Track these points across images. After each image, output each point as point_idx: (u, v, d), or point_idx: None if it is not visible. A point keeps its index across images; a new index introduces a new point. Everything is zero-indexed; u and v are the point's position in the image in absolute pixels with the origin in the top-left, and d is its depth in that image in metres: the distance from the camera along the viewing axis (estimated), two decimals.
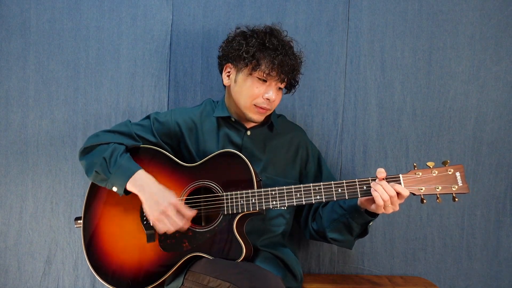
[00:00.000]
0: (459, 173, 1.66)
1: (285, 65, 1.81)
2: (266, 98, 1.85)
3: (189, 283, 1.71)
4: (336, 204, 1.89)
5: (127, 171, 1.76)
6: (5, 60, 2.30)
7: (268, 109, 1.89)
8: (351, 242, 1.94)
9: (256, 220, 1.91)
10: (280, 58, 1.80)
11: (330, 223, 1.91)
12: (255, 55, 1.81)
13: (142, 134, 1.92)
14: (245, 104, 1.87)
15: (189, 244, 1.76)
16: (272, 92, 1.85)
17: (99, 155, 1.80)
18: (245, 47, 1.83)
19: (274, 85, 1.86)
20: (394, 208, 1.69)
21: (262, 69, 1.81)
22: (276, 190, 1.73)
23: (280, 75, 1.83)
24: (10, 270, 2.31)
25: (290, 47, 1.88)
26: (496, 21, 2.29)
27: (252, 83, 1.85)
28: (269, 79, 1.83)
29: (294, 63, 1.86)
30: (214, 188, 1.79)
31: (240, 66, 1.86)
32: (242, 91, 1.87)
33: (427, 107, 2.32)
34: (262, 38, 1.84)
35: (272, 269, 1.78)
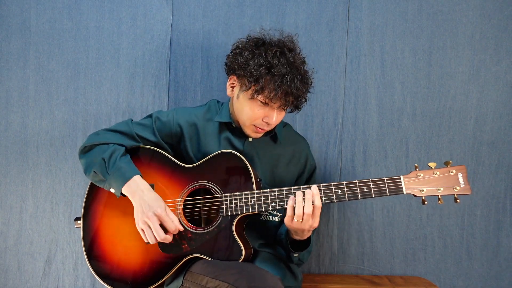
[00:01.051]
0: (461, 173, 1.63)
1: (289, 94, 1.73)
2: (265, 121, 1.81)
3: (188, 284, 1.71)
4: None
5: (125, 174, 1.75)
6: (5, 60, 2.30)
7: (268, 129, 1.86)
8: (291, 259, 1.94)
9: (251, 231, 1.90)
10: (284, 87, 1.71)
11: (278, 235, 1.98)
12: (259, 80, 1.73)
13: (142, 134, 1.90)
14: (244, 123, 1.85)
15: (188, 245, 1.76)
16: (274, 116, 1.80)
17: (98, 155, 1.79)
18: (250, 67, 1.74)
19: (276, 108, 1.79)
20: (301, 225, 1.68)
21: (265, 95, 1.74)
22: (276, 191, 1.72)
23: (283, 102, 1.76)
24: (10, 270, 2.32)
25: (299, 72, 1.76)
26: (496, 21, 2.29)
27: (254, 106, 1.79)
28: (271, 104, 1.77)
29: (300, 92, 1.76)
30: (213, 189, 1.78)
31: (243, 85, 1.79)
32: (243, 110, 1.83)
33: (427, 107, 2.31)
34: (269, 61, 1.73)
35: (271, 269, 1.78)
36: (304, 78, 1.78)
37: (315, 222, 1.67)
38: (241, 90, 1.80)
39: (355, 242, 2.34)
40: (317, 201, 1.65)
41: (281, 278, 1.75)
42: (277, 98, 1.74)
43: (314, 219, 1.66)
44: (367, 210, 2.33)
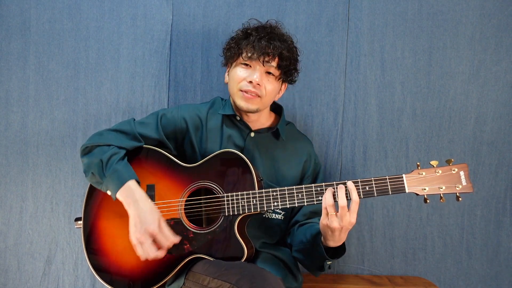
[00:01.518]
0: (463, 172, 1.63)
1: (265, 46, 1.80)
2: (249, 80, 1.83)
3: (190, 284, 1.71)
4: (310, 229, 1.87)
5: (120, 177, 1.74)
6: (5, 60, 2.29)
7: (255, 93, 1.85)
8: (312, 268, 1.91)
9: (253, 229, 1.90)
10: (262, 43, 1.79)
11: (297, 243, 1.91)
12: (239, 43, 1.84)
13: (145, 133, 1.90)
14: (233, 91, 1.89)
15: (190, 245, 1.76)
16: (256, 75, 1.83)
17: (97, 157, 1.79)
18: (231, 41, 1.89)
19: (259, 68, 1.83)
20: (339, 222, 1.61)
21: (243, 55, 1.83)
22: (278, 191, 1.72)
23: (261, 57, 1.81)
24: (10, 270, 2.31)
25: (277, 33, 1.86)
26: (496, 21, 2.29)
27: (237, 70, 1.86)
28: (252, 62, 1.83)
29: (279, 44, 1.82)
30: (214, 189, 1.78)
31: (231, 61, 1.90)
32: (230, 80, 1.90)
33: (427, 107, 2.32)
34: (247, 29, 1.88)
35: (272, 270, 1.78)
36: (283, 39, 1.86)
37: (353, 217, 1.62)
38: (231, 67, 1.91)
39: (355, 242, 2.34)
40: (354, 195, 1.62)
41: (282, 278, 1.75)
42: (255, 53, 1.80)
43: (352, 215, 1.61)
44: (367, 210, 2.33)
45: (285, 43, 1.85)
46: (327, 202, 1.62)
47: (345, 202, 1.61)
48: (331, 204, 1.61)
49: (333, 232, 1.63)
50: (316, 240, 1.76)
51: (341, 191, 1.62)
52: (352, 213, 1.61)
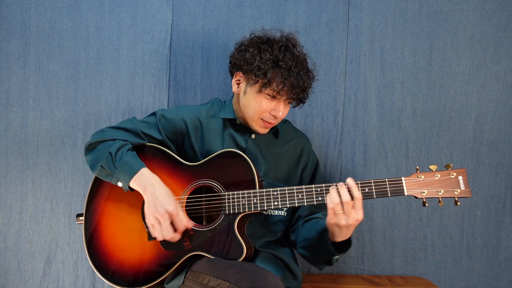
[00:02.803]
0: (461, 177, 1.65)
1: (296, 86, 1.78)
2: (273, 114, 1.84)
3: (190, 282, 1.71)
4: (315, 225, 1.87)
5: (132, 167, 1.75)
6: (5, 60, 2.30)
7: (274, 123, 1.89)
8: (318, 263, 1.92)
9: (255, 225, 1.91)
10: (292, 79, 1.76)
11: (302, 240, 1.91)
12: (267, 73, 1.77)
13: (147, 132, 1.91)
14: (252, 117, 1.87)
15: (190, 243, 1.76)
16: (281, 112, 1.84)
17: (105, 150, 1.80)
18: (257, 62, 1.79)
19: (283, 101, 1.84)
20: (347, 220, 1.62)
21: (272, 88, 1.78)
22: (278, 190, 1.72)
23: (290, 95, 1.81)
24: (10, 270, 2.31)
25: (303, 65, 1.82)
26: (496, 21, 2.30)
27: (261, 99, 1.82)
28: (278, 97, 1.81)
29: (306, 84, 1.82)
30: (215, 187, 1.79)
31: (250, 80, 1.83)
32: (250, 105, 1.86)
33: (427, 107, 2.32)
34: (276, 55, 1.78)
35: (272, 269, 1.78)
36: (308, 71, 1.84)
37: (359, 214, 1.62)
38: (248, 85, 1.84)
39: (355, 242, 2.34)
40: (356, 193, 1.62)
41: (281, 278, 1.76)
42: (284, 91, 1.78)
43: (357, 211, 1.62)
44: (367, 210, 2.33)
45: (310, 78, 1.85)
46: (334, 201, 1.62)
47: (349, 197, 1.61)
48: (337, 202, 1.62)
49: (341, 229, 1.64)
50: (323, 237, 1.76)
51: (342, 189, 1.63)
52: (358, 210, 1.62)
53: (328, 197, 1.64)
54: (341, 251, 1.76)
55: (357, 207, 1.62)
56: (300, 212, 1.99)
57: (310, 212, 1.97)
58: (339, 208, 1.62)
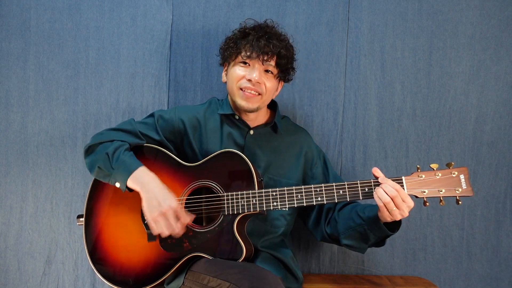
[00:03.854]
0: (463, 175, 1.64)
1: (264, 45, 1.83)
2: (248, 79, 1.86)
3: (189, 283, 1.71)
4: (354, 211, 1.86)
5: (129, 167, 1.75)
6: (5, 60, 2.29)
7: (255, 91, 1.88)
8: (365, 249, 1.92)
9: (257, 221, 1.91)
10: (261, 43, 1.83)
11: (345, 230, 1.88)
12: (237, 42, 1.87)
13: (146, 132, 1.91)
14: (232, 90, 1.90)
15: (189, 244, 1.76)
16: (255, 73, 1.85)
17: (102, 151, 1.80)
18: (229, 41, 1.91)
19: (258, 67, 1.86)
20: (401, 213, 1.63)
21: (242, 54, 1.85)
22: (277, 191, 1.73)
23: (260, 56, 1.84)
24: (10, 270, 2.31)
25: (275, 33, 1.90)
26: (496, 21, 2.29)
27: (236, 69, 1.88)
28: (251, 61, 1.86)
29: (277, 44, 1.85)
30: (214, 188, 1.79)
31: (229, 61, 1.93)
32: (229, 79, 1.92)
33: (427, 107, 2.32)
34: (245, 28, 1.91)
35: (272, 270, 1.78)
36: (282, 39, 1.90)
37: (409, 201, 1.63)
38: (228, 66, 1.93)
39: None
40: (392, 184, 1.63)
41: (282, 278, 1.76)
42: (254, 53, 1.83)
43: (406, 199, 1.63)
44: None
45: (282, 42, 1.89)
46: (384, 200, 1.61)
47: (395, 193, 1.61)
48: (388, 201, 1.61)
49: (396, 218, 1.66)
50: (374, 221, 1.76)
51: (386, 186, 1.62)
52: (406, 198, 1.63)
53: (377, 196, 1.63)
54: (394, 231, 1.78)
55: (403, 195, 1.62)
56: (328, 205, 1.98)
57: None
58: (392, 205, 1.61)
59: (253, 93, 1.87)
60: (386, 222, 1.72)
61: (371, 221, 1.77)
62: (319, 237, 2.03)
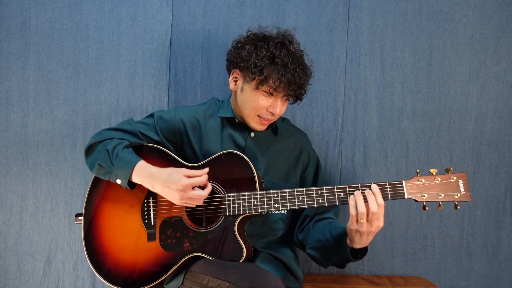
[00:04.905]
0: (462, 181, 1.66)
1: (292, 83, 1.78)
2: (270, 111, 1.84)
3: (189, 283, 1.71)
4: (328, 227, 1.86)
5: (129, 162, 1.75)
6: (5, 60, 2.30)
7: (272, 120, 1.88)
8: (326, 265, 1.93)
9: (256, 224, 1.91)
10: (288, 76, 1.76)
11: (314, 241, 1.89)
12: (263, 70, 1.77)
13: (145, 132, 1.91)
14: (249, 114, 1.87)
15: (189, 244, 1.76)
16: (279, 108, 1.84)
17: (102, 149, 1.80)
18: (253, 59, 1.79)
19: (280, 98, 1.84)
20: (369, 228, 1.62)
21: (269, 84, 1.78)
22: (279, 192, 1.72)
23: (287, 91, 1.81)
24: (10, 270, 2.31)
25: (300, 62, 1.83)
26: (496, 21, 2.29)
27: (258, 96, 1.82)
28: (275, 94, 1.81)
29: (303, 81, 1.82)
30: (216, 188, 1.79)
31: (247, 77, 1.83)
32: (247, 102, 1.86)
33: (427, 107, 2.31)
34: (272, 52, 1.78)
35: (272, 270, 1.78)
36: (305, 68, 1.85)
37: (381, 221, 1.63)
38: (245, 82, 1.85)
39: None
40: (380, 200, 1.62)
41: (281, 278, 1.75)
42: (281, 87, 1.78)
43: (379, 219, 1.62)
44: None
45: (307, 75, 1.86)
46: (360, 210, 1.61)
47: (376, 208, 1.61)
48: (363, 212, 1.61)
49: (362, 235, 1.64)
50: (341, 241, 1.75)
51: (370, 197, 1.62)
52: (380, 217, 1.62)
53: (352, 204, 1.63)
54: (357, 258, 1.76)
55: (380, 214, 1.62)
56: (307, 212, 1.99)
57: (318, 211, 1.97)
58: (364, 217, 1.61)
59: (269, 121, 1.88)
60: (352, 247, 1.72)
61: (338, 242, 1.77)
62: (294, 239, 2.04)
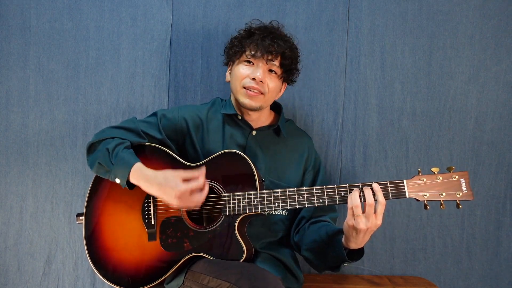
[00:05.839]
0: (464, 179, 1.64)
1: (269, 45, 1.84)
2: (251, 77, 1.86)
3: (189, 283, 1.71)
4: (324, 228, 1.86)
5: (128, 162, 1.74)
6: (5, 60, 2.29)
7: (258, 90, 1.87)
8: (322, 268, 1.92)
9: (256, 225, 1.90)
10: (265, 43, 1.83)
11: (309, 242, 1.89)
12: (242, 41, 1.89)
13: (148, 131, 1.91)
14: (236, 88, 1.90)
15: (190, 244, 1.76)
16: (259, 72, 1.85)
17: (102, 148, 1.80)
18: (235, 40, 1.93)
19: (262, 66, 1.86)
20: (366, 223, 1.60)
21: (246, 53, 1.87)
22: (279, 192, 1.72)
23: (265, 55, 1.84)
24: (10, 270, 2.31)
25: (280, 34, 1.90)
26: (496, 21, 2.29)
27: (240, 67, 1.89)
28: (255, 60, 1.86)
29: (282, 44, 1.86)
30: (216, 188, 1.79)
31: (234, 59, 1.94)
32: (233, 78, 1.92)
33: (427, 107, 2.31)
34: (251, 27, 1.93)
35: (272, 270, 1.78)
36: (286, 40, 1.91)
37: (379, 219, 1.61)
38: (233, 65, 1.94)
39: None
40: (380, 197, 1.61)
41: (281, 279, 1.76)
42: (259, 52, 1.84)
43: (378, 217, 1.60)
44: None
45: (287, 43, 1.90)
46: (354, 203, 1.60)
47: (373, 201, 1.60)
48: (357, 205, 1.60)
49: (358, 233, 1.62)
50: (335, 240, 1.75)
51: (367, 191, 1.62)
52: (379, 215, 1.61)
53: (349, 198, 1.63)
54: (353, 259, 1.74)
55: (378, 212, 1.61)
56: (303, 214, 1.99)
57: (314, 214, 1.97)
58: (359, 210, 1.60)
59: (256, 92, 1.87)
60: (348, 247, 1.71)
61: (333, 240, 1.77)
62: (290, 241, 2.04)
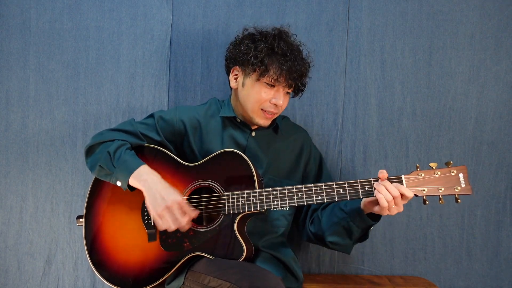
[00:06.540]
0: (462, 174, 1.65)
1: (293, 71, 1.80)
2: (273, 103, 1.85)
3: (190, 283, 1.72)
4: (337, 206, 1.88)
5: (130, 165, 1.75)
6: (5, 60, 2.29)
7: (275, 113, 1.89)
8: (350, 246, 1.94)
9: (258, 221, 1.90)
10: (288, 64, 1.79)
11: (329, 226, 1.89)
12: (264, 60, 1.80)
13: (146, 133, 1.91)
14: (253, 109, 1.87)
15: (190, 243, 1.76)
16: (282, 99, 1.85)
17: (103, 150, 1.80)
18: (253, 51, 1.82)
19: (282, 90, 1.85)
20: (398, 209, 1.66)
21: (270, 75, 1.80)
22: (278, 190, 1.73)
23: (288, 81, 1.82)
24: (10, 270, 2.31)
25: (299, 52, 1.87)
26: (496, 21, 2.29)
27: (260, 88, 1.84)
28: (277, 84, 1.83)
29: (303, 69, 1.85)
30: (215, 187, 1.79)
31: (248, 71, 1.85)
32: (249, 96, 1.87)
33: (427, 107, 2.31)
34: (271, 43, 1.82)
35: (272, 270, 1.78)
36: (303, 58, 1.89)
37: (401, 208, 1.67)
38: (246, 76, 1.87)
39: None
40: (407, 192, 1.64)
41: (282, 278, 1.76)
42: (282, 77, 1.80)
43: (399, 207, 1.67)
44: None
45: (305, 64, 1.89)
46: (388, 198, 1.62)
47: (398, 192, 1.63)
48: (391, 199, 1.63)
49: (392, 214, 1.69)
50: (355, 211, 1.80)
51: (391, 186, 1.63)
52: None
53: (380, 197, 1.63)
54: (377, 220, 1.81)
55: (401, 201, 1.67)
56: (314, 206, 2.00)
57: None
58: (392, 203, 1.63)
59: (273, 115, 1.89)
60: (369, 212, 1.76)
61: (354, 213, 1.80)
62: (305, 237, 2.04)
